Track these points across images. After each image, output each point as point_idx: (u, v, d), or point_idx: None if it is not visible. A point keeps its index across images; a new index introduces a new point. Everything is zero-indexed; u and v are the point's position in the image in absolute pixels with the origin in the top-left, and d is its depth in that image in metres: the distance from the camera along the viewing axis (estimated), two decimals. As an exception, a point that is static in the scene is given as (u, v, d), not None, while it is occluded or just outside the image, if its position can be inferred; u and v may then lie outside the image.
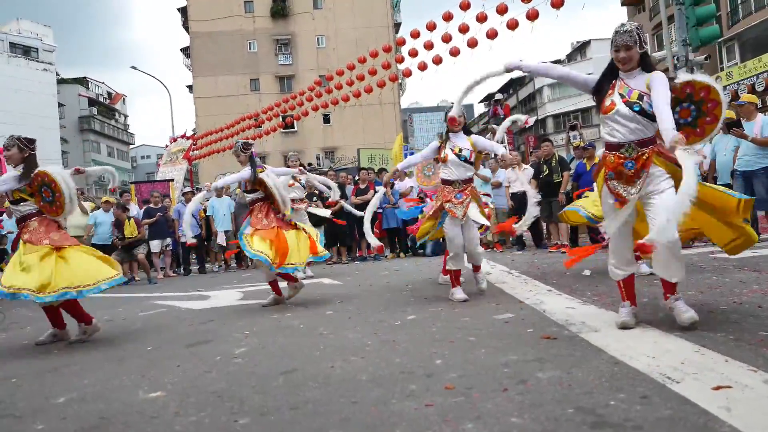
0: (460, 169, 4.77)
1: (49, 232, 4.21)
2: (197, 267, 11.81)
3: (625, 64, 3.03)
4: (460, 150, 4.74)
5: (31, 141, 4.38)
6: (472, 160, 4.80)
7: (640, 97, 2.96)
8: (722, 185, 8.09)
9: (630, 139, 3.00)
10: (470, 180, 4.84)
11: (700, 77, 3.36)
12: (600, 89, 3.15)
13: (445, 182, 4.84)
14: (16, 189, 4.23)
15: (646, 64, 3.06)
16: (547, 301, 4.19)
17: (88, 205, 11.15)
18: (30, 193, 4.26)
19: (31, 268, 3.97)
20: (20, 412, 2.47)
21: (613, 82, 3.10)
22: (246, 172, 5.34)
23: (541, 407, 1.96)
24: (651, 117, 2.93)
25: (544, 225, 10.23)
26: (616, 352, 2.56)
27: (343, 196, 10.93)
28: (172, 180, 17.65)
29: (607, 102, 3.05)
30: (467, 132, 4.94)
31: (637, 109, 2.96)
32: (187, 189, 13.15)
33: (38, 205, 4.29)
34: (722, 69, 25.32)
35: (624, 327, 3.02)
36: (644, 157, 2.96)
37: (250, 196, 5.45)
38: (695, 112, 3.27)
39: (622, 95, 3.02)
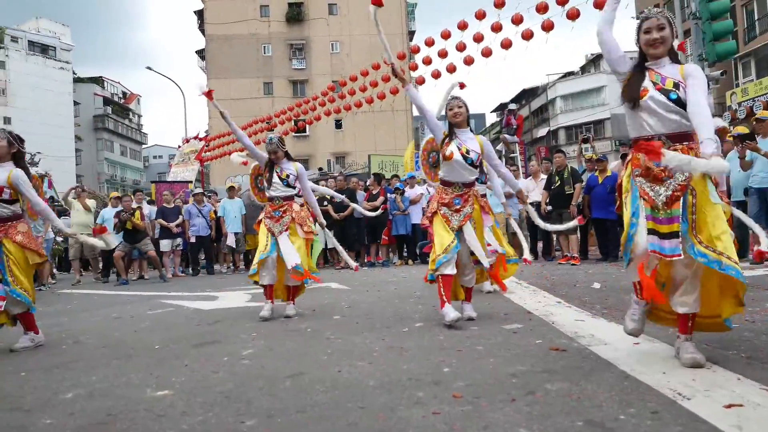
0: (464, 172, 4.15)
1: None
2: (206, 267, 11.86)
3: (658, 47, 2.70)
4: (468, 151, 4.11)
5: (22, 140, 4.25)
6: (479, 163, 4.22)
7: (676, 85, 2.63)
8: (735, 203, 8.05)
9: (661, 132, 2.65)
10: (472, 184, 4.24)
11: None
12: (632, 86, 2.75)
13: (444, 183, 4.25)
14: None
15: (675, 55, 2.77)
16: (556, 313, 4.17)
17: (91, 202, 11.21)
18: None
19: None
20: (29, 405, 2.49)
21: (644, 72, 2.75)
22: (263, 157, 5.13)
23: (550, 419, 1.94)
24: (685, 108, 2.59)
25: (554, 236, 10.19)
26: (626, 366, 2.54)
27: (354, 201, 10.96)
28: (191, 181, 17.78)
29: (640, 89, 2.69)
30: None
31: (674, 97, 2.61)
32: (198, 190, 13.22)
33: (28, 208, 4.26)
34: (738, 85, 25.19)
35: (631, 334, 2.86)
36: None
37: (293, 191, 5.12)
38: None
39: (654, 83, 2.67)
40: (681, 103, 2.60)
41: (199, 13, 39.75)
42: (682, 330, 2.65)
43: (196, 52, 42.37)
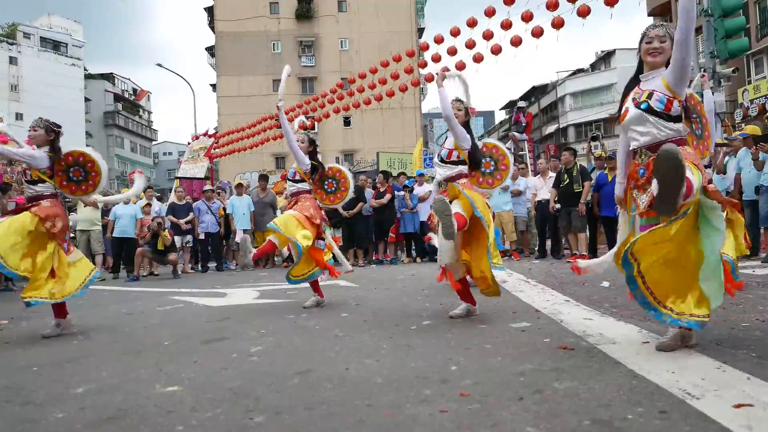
0: (441, 169, 4.30)
1: (63, 217, 4.30)
2: (215, 264, 11.92)
3: (656, 56, 2.83)
4: (442, 150, 4.35)
5: (58, 126, 4.50)
6: (453, 158, 4.24)
7: (650, 95, 2.79)
8: (747, 201, 7.99)
9: (642, 144, 2.83)
10: (455, 178, 4.23)
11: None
12: (620, 103, 2.99)
13: (439, 184, 4.43)
14: (40, 168, 4.28)
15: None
16: (564, 312, 4.16)
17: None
18: (50, 175, 4.32)
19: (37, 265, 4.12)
20: (40, 400, 2.51)
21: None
22: (301, 156, 5.24)
23: (558, 417, 1.94)
24: (661, 116, 2.75)
25: (563, 235, 10.15)
26: (635, 365, 2.53)
27: (362, 199, 10.97)
28: (208, 178, 17.94)
29: (623, 111, 2.92)
30: (468, 132, 4.36)
31: (644, 107, 2.78)
32: (207, 187, 13.28)
33: (60, 186, 4.40)
34: (750, 82, 24.92)
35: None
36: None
37: (295, 187, 5.31)
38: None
39: (634, 99, 2.87)
40: (653, 111, 2.76)
41: (210, 10, 39.91)
42: None
43: (206, 48, 42.60)
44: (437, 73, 4.37)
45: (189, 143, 22.14)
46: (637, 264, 2.66)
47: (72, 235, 12.77)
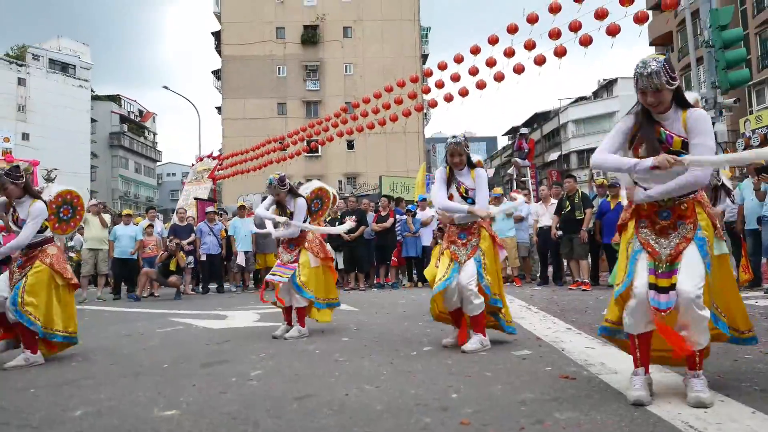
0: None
1: (63, 261, 4.34)
2: (215, 286, 11.88)
3: (657, 108, 2.67)
4: (467, 190, 4.15)
5: (18, 168, 4.32)
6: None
7: (684, 145, 2.61)
8: (749, 231, 7.99)
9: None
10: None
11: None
12: (637, 130, 2.75)
13: (450, 222, 4.27)
14: (45, 219, 4.23)
15: (680, 99, 2.69)
16: (566, 340, 4.13)
17: (107, 217, 11.37)
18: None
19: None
20: (37, 422, 2.50)
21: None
22: (301, 204, 5.16)
23: (559, 449, 1.92)
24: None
25: (564, 262, 10.12)
26: (637, 396, 2.50)
27: (364, 222, 10.98)
28: (212, 200, 18.10)
29: (641, 151, 2.69)
30: (471, 165, 4.27)
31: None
32: (210, 209, 13.31)
33: (53, 229, 4.40)
34: (752, 112, 25.07)
35: (637, 403, 2.44)
36: (682, 207, 2.63)
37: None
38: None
39: (661, 141, 2.65)
40: None
41: (216, 35, 40.48)
42: (690, 366, 2.54)
43: (212, 72, 43.07)
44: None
45: (193, 165, 22.27)
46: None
47: (72, 254, 12.84)
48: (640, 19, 9.53)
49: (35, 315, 4.00)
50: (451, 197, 4.17)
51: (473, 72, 12.40)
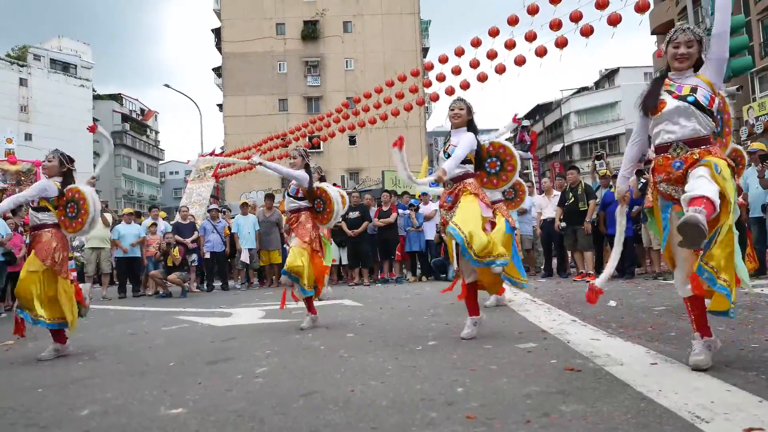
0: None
1: (62, 249, 4.39)
2: (220, 283, 11.91)
3: (683, 62, 2.87)
4: (448, 147, 4.18)
5: (72, 160, 4.64)
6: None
7: (693, 89, 2.80)
8: (753, 219, 7.95)
9: (679, 138, 2.81)
10: (462, 177, 4.12)
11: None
12: (648, 95, 2.96)
13: (444, 185, 4.24)
14: (47, 198, 4.38)
15: (699, 67, 2.92)
16: (571, 332, 4.13)
17: (109, 216, 11.41)
18: (55, 205, 4.42)
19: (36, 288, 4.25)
20: (45, 422, 2.51)
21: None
22: (302, 173, 5.19)
23: (565, 442, 1.91)
24: (704, 110, 2.78)
25: (569, 253, 10.11)
26: (643, 387, 2.50)
27: (367, 218, 10.99)
28: (215, 197, 18.16)
29: (657, 102, 2.88)
30: (473, 129, 4.24)
31: (691, 100, 2.78)
32: (213, 206, 13.33)
33: (59, 219, 4.45)
34: (755, 99, 24.93)
35: (697, 367, 2.71)
36: (694, 157, 2.75)
37: (296, 203, 5.26)
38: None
39: (670, 92, 2.85)
40: (699, 105, 2.76)
41: (217, 32, 40.43)
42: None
43: (212, 69, 43.04)
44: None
45: (189, 161, 22.27)
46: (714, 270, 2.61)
47: (78, 254, 12.89)
48: (641, 7, 9.45)
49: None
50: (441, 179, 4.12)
51: (474, 65, 12.34)
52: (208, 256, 11.49)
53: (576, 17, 9.98)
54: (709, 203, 2.45)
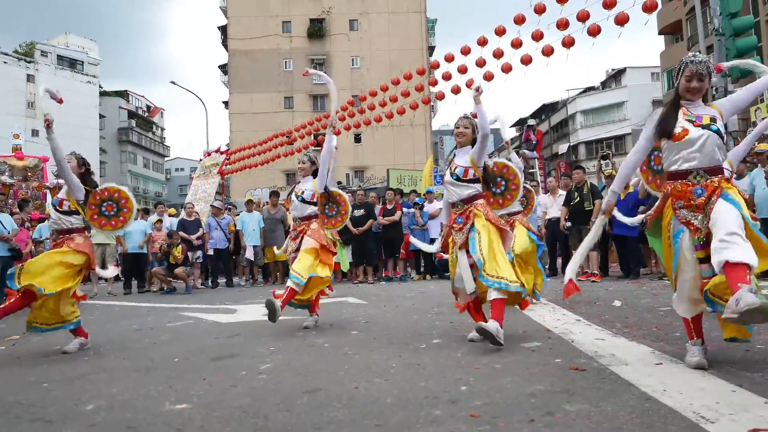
0: (455, 189, 4.07)
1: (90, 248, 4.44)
2: (224, 280, 11.94)
3: (695, 95, 2.99)
4: (455, 168, 4.08)
5: (87, 162, 4.66)
6: (470, 177, 4.04)
7: (713, 119, 2.91)
8: (762, 219, 7.91)
9: (699, 165, 2.88)
10: (473, 198, 4.06)
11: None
12: (667, 120, 2.99)
13: (451, 206, 4.21)
14: (79, 199, 4.40)
15: (706, 98, 3.07)
16: (575, 331, 4.12)
17: None
18: (82, 207, 4.44)
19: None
20: (50, 416, 2.52)
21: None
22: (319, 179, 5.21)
23: (569, 441, 1.91)
24: (723, 140, 2.92)
25: (573, 253, 10.08)
26: (648, 387, 2.50)
27: (372, 216, 11.00)
28: (220, 194, 18.09)
29: (677, 129, 2.92)
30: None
31: (714, 129, 2.88)
32: (215, 203, 13.36)
33: (90, 219, 4.52)
34: (763, 101, 24.78)
35: (699, 367, 2.81)
36: (714, 185, 2.84)
37: (309, 210, 5.16)
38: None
39: (690, 120, 2.93)
40: (720, 135, 2.89)
41: (223, 29, 40.51)
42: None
43: (218, 66, 43.13)
44: (476, 90, 3.95)
45: (201, 159, 22.33)
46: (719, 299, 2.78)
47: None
48: (649, 7, 9.42)
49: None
50: (444, 179, 4.20)
51: (480, 64, 12.34)
52: (211, 252, 11.52)
53: (583, 17, 9.95)
54: (748, 271, 2.55)
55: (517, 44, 11.27)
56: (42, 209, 11.70)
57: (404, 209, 11.43)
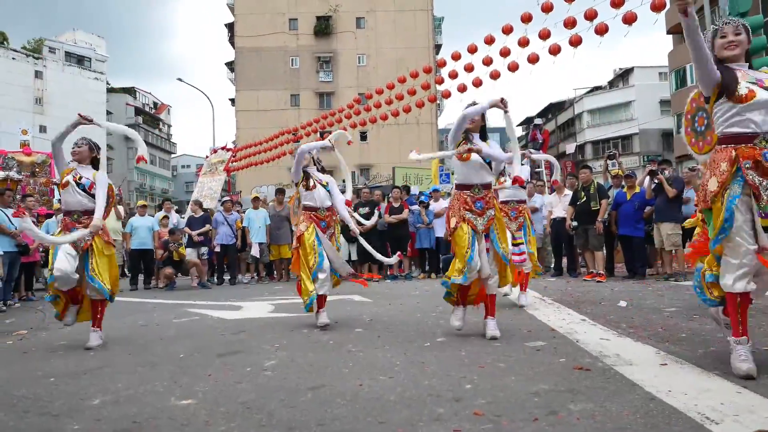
0: (482, 172, 4.17)
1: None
2: (230, 277, 11.96)
3: (734, 49, 2.83)
4: (485, 154, 4.16)
5: (99, 147, 4.85)
6: (493, 169, 4.28)
7: None
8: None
9: (765, 131, 2.72)
10: (489, 185, 4.24)
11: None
12: (725, 78, 2.78)
13: (461, 187, 4.22)
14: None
15: (750, 61, 2.90)
16: (580, 331, 4.11)
17: (121, 209, 11.52)
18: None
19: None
20: (57, 411, 2.54)
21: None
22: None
23: (572, 440, 1.91)
24: None
25: (579, 252, 10.06)
26: (652, 388, 2.49)
27: (378, 213, 10.98)
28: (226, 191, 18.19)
29: (743, 90, 2.71)
30: (484, 137, 4.37)
31: None
32: (227, 198, 13.37)
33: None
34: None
35: (749, 376, 2.58)
36: None
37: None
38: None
39: (753, 82, 2.75)
40: None
41: (230, 26, 40.55)
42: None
43: (225, 64, 43.19)
44: (504, 104, 4.14)
45: (207, 156, 22.39)
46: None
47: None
48: (657, 6, 9.35)
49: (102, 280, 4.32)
50: (468, 158, 4.13)
51: (487, 62, 12.28)
52: (218, 249, 11.54)
53: (591, 15, 9.90)
54: None
55: (524, 43, 11.22)
56: (50, 205, 11.74)
57: (410, 207, 11.41)
